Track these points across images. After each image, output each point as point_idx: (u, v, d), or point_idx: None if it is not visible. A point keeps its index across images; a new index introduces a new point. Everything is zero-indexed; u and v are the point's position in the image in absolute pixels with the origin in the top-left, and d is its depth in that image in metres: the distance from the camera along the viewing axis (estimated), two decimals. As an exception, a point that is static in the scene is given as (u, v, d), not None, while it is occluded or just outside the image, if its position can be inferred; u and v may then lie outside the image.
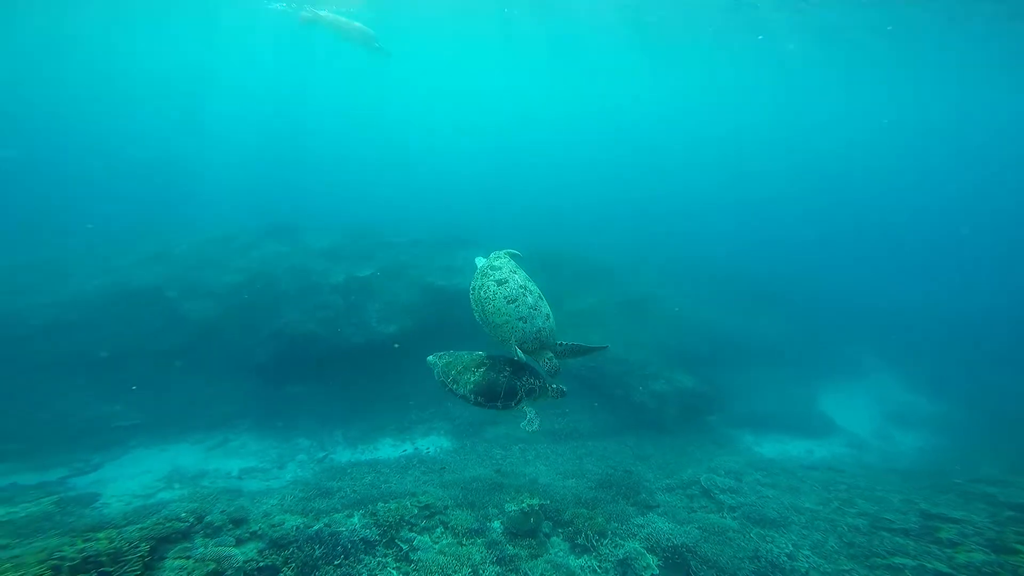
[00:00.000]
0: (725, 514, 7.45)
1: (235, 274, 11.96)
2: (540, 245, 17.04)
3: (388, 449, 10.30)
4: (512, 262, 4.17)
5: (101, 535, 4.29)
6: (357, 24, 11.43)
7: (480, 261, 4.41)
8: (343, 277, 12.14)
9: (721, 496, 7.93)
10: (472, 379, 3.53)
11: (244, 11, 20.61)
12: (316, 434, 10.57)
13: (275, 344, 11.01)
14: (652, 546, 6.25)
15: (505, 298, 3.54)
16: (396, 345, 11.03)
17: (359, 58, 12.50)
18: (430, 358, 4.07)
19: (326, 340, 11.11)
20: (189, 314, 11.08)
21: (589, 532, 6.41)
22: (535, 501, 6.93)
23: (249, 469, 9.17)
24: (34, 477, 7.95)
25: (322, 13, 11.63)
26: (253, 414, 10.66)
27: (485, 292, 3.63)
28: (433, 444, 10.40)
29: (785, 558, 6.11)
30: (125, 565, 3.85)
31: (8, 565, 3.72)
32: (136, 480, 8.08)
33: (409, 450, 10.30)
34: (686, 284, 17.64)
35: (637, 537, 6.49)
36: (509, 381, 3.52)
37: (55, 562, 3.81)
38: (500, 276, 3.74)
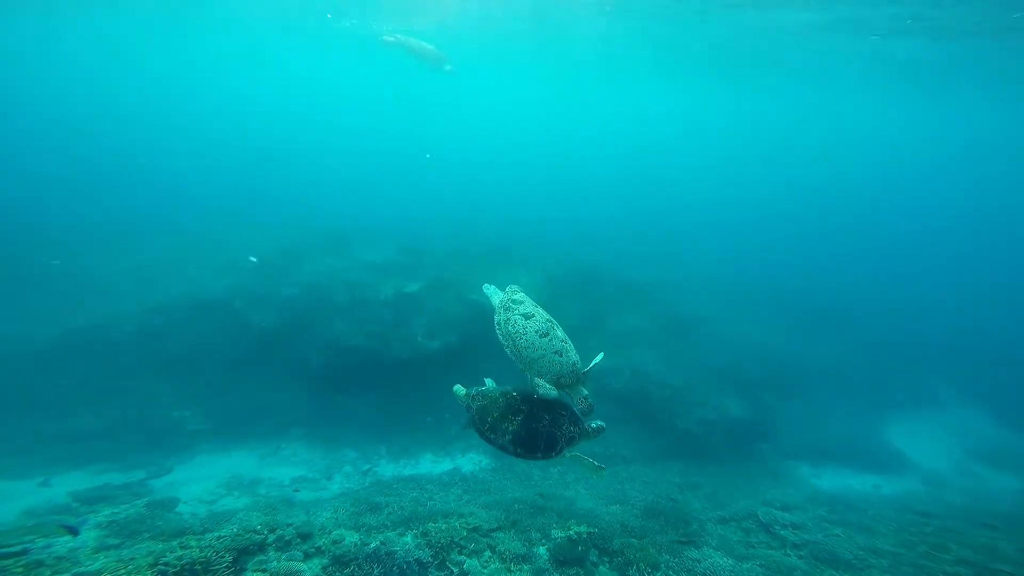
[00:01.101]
0: (789, 552, 7.05)
1: (292, 287, 12.60)
2: (579, 260, 16.97)
3: (428, 464, 10.43)
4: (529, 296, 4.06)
5: (192, 542, 4.64)
6: (432, 47, 12.11)
7: (491, 291, 4.25)
8: (392, 292, 12.52)
9: (782, 532, 7.51)
10: (511, 428, 3.37)
11: (318, 30, 21.96)
12: (361, 446, 10.85)
13: (326, 356, 11.46)
14: (709, 584, 6.00)
15: (536, 332, 3.46)
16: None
17: (427, 76, 13.20)
18: (460, 391, 3.83)
19: (374, 353, 11.45)
20: (252, 324, 11.75)
21: (641, 564, 6.22)
22: (583, 528, 6.81)
23: (299, 478, 9.51)
24: (120, 477, 8.61)
25: (404, 38, 12.20)
26: (304, 423, 11.09)
27: (513, 327, 3.53)
28: (472, 462, 10.45)
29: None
30: (215, 575, 4.16)
31: (130, 567, 4.21)
32: (201, 485, 8.56)
33: (449, 466, 10.39)
34: (737, 304, 17.03)
35: (693, 572, 6.25)
36: (549, 430, 3.39)
37: (162, 567, 4.24)
38: (525, 310, 3.63)
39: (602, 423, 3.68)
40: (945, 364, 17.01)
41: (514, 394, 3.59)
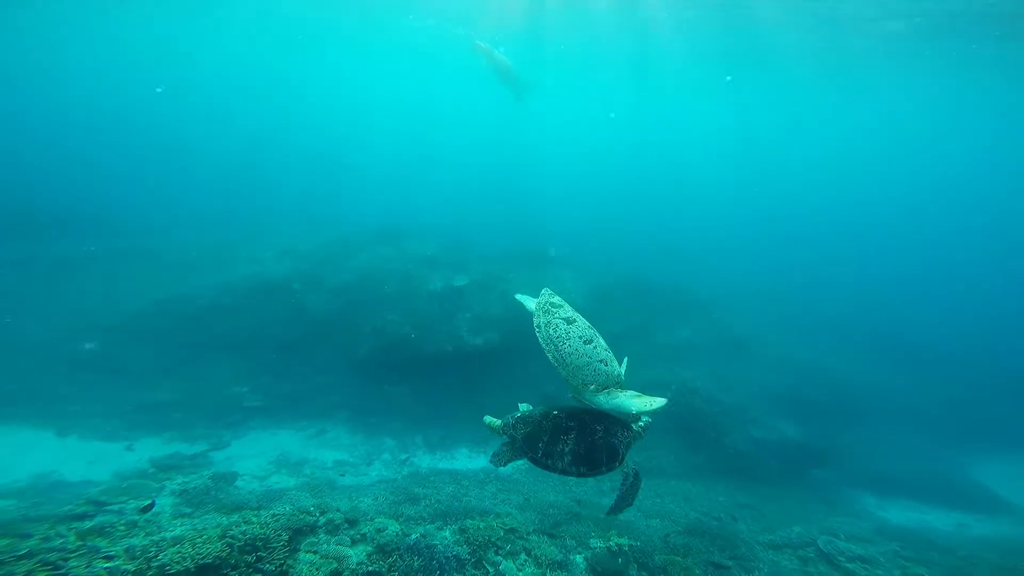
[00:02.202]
0: (855, 588, 6.50)
1: (347, 273, 13.10)
2: (627, 269, 16.56)
3: (464, 459, 10.45)
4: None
5: (253, 518, 4.92)
6: (513, 68, 12.52)
7: (524, 299, 3.94)
8: (440, 285, 12.71)
9: (849, 565, 6.93)
10: (567, 448, 3.13)
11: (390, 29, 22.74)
12: (400, 435, 11.05)
13: (374, 342, 11.78)
14: (761, 616, 5.62)
15: (580, 338, 3.24)
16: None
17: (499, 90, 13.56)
18: (493, 423, 3.47)
19: (418, 344, 11.65)
20: (308, 306, 12.31)
21: (685, 587, 5.93)
22: (624, 540, 6.59)
23: (341, 462, 9.80)
24: (188, 448, 9.29)
25: (493, 49, 12.58)
26: (349, 407, 11.44)
27: (556, 331, 3.29)
28: (508, 461, 10.40)
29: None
30: (273, 552, 4.42)
31: (203, 537, 4.57)
32: (254, 461, 9.04)
33: (484, 463, 10.37)
34: (791, 324, 16.09)
35: (741, 602, 5.88)
36: (606, 440, 3.19)
37: (229, 540, 4.55)
38: (567, 314, 3.40)
39: (648, 418, 3.47)
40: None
41: (555, 413, 3.31)
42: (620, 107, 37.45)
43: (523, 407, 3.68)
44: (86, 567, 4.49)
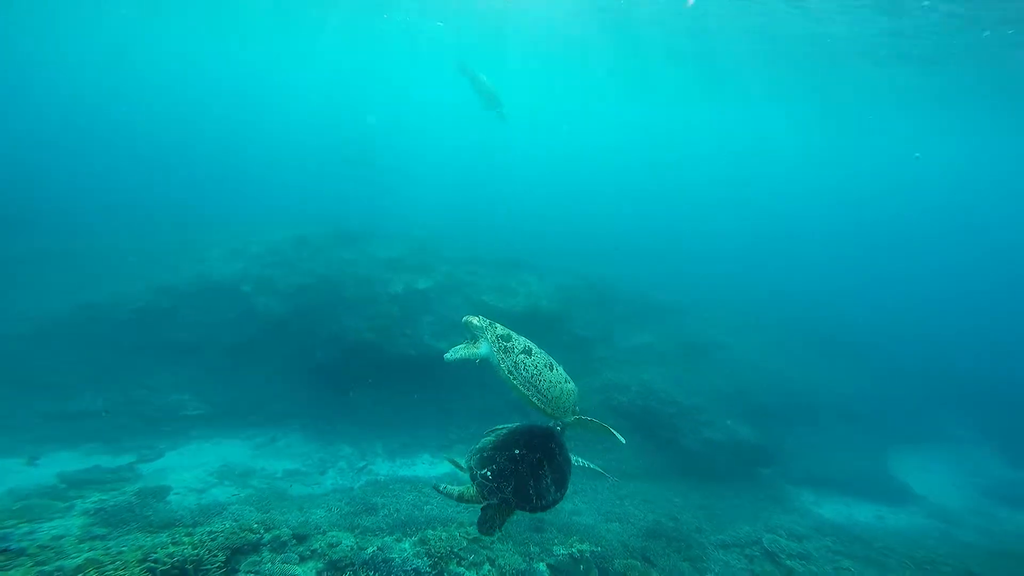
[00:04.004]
0: (796, 585, 6.82)
1: (304, 276, 12.45)
2: (592, 273, 16.80)
3: (425, 466, 10.20)
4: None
5: (184, 538, 4.42)
6: (495, 89, 12.51)
7: (462, 352, 3.24)
8: (402, 288, 12.36)
9: (789, 562, 7.28)
10: (549, 480, 3.04)
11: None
12: (358, 442, 10.64)
13: (331, 348, 11.28)
14: (714, 615, 5.77)
15: (546, 366, 3.13)
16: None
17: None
18: (472, 467, 3.13)
19: (379, 349, 11.26)
20: (259, 310, 11.58)
21: (644, 590, 6.00)
22: (585, 547, 6.60)
23: (293, 471, 9.29)
24: (111, 460, 8.38)
25: (477, 71, 12.58)
26: (303, 415, 10.90)
27: (527, 370, 3.05)
28: (474, 466, 10.23)
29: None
30: (207, 574, 3.94)
31: (117, 563, 3.96)
32: (192, 472, 8.34)
33: (447, 469, 10.15)
34: (748, 329, 16.81)
35: (696, 602, 6.02)
36: (564, 455, 3.25)
37: (151, 564, 4.01)
38: (521, 345, 3.15)
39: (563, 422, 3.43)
40: (957, 398, 16.76)
41: (518, 452, 3.10)
42: (589, 111, 38.14)
43: (465, 459, 3.39)
44: None
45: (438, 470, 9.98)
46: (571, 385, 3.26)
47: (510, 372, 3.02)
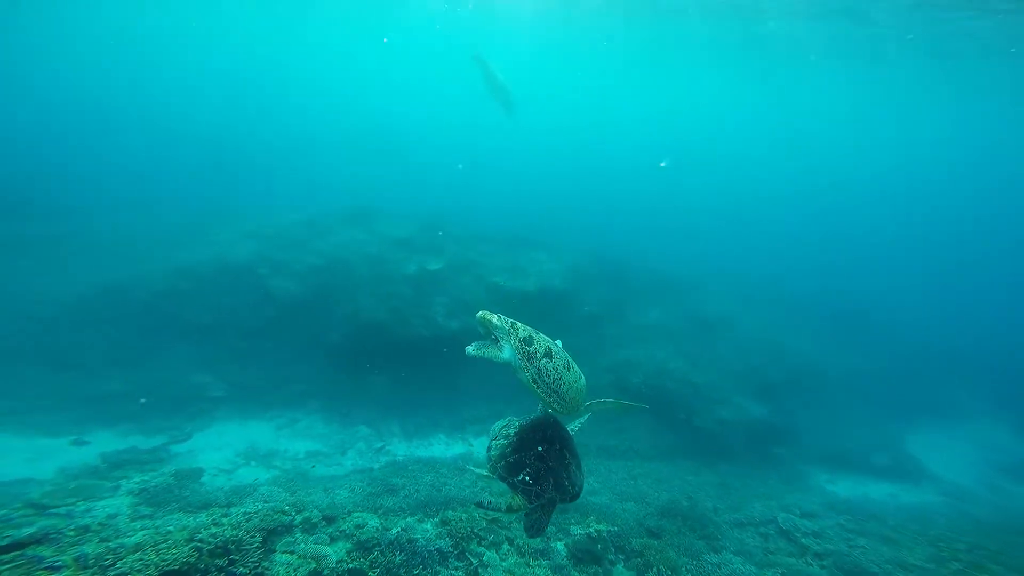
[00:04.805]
0: (811, 561, 6.92)
1: (316, 256, 12.50)
2: (604, 251, 16.62)
3: (442, 447, 10.38)
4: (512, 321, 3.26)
5: (223, 519, 4.64)
6: (507, 84, 12.51)
7: (481, 350, 3.12)
8: (415, 268, 12.35)
9: (804, 540, 7.36)
10: (574, 466, 3.06)
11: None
12: (375, 423, 10.84)
13: (347, 328, 11.39)
14: (731, 592, 5.89)
15: (564, 367, 3.05)
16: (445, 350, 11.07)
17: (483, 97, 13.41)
18: (505, 477, 3.03)
19: (393, 329, 11.35)
20: (275, 292, 11.70)
21: (662, 567, 6.12)
22: (603, 527, 6.73)
23: (314, 452, 9.52)
24: (145, 441, 8.67)
25: (491, 64, 12.53)
26: (321, 395, 11.09)
27: (548, 377, 2.97)
28: (486, 447, 10.40)
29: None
30: (247, 554, 4.19)
31: (167, 542, 4.22)
32: (220, 453, 8.62)
33: (462, 449, 10.34)
34: (763, 305, 16.63)
35: (713, 579, 6.14)
36: (571, 438, 3.26)
37: (198, 544, 4.25)
38: (542, 348, 3.04)
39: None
40: (969, 375, 16.59)
41: (541, 449, 3.08)
42: (602, 89, 37.12)
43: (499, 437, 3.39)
44: None
45: (453, 451, 10.17)
46: (583, 381, 3.23)
47: (533, 380, 2.96)
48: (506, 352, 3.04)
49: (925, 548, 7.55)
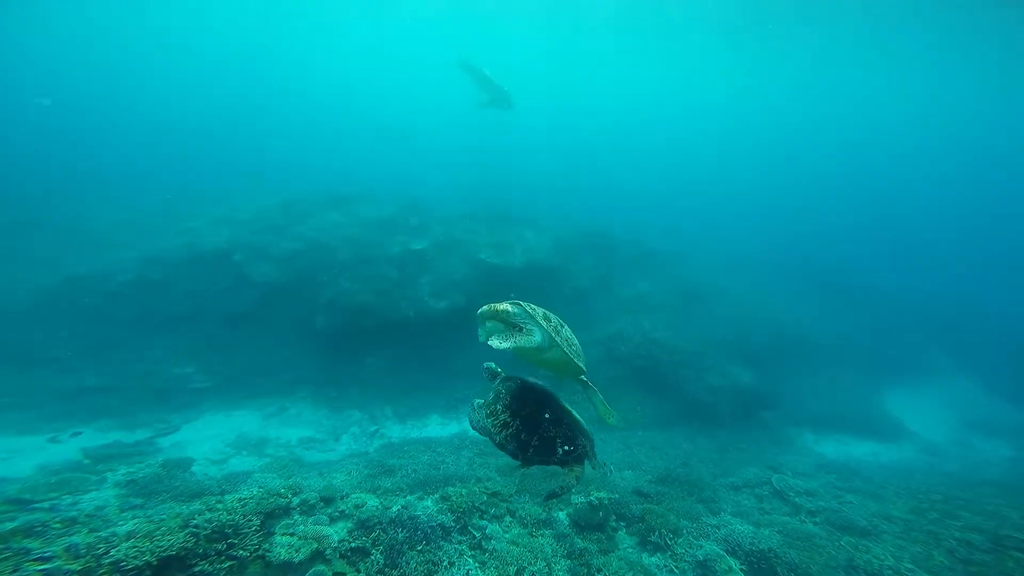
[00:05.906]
0: (804, 518, 7.10)
1: (294, 241, 12.06)
2: (590, 224, 16.51)
3: (436, 427, 10.30)
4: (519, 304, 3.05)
5: (218, 505, 4.46)
6: (500, 85, 12.29)
7: (528, 337, 2.86)
8: (398, 249, 12.05)
9: (797, 499, 7.55)
10: (581, 423, 2.92)
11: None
12: (367, 407, 10.67)
13: (332, 312, 11.09)
14: (732, 549, 5.99)
15: (570, 329, 3.03)
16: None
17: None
18: (522, 460, 2.85)
19: (379, 312, 11.10)
20: (253, 278, 11.27)
21: (663, 530, 6.19)
22: (603, 495, 6.74)
23: (307, 439, 9.33)
24: (128, 435, 8.33)
25: (480, 67, 12.35)
26: (310, 382, 10.86)
27: (573, 345, 2.95)
28: (481, 423, 10.36)
29: (890, 572, 5.72)
30: (245, 537, 4.06)
31: (161, 529, 4.11)
32: (209, 444, 8.36)
33: (457, 429, 10.26)
34: (748, 274, 16.86)
35: (712, 538, 6.24)
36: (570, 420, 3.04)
37: (193, 529, 4.12)
38: (553, 319, 2.96)
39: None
40: (942, 336, 17.21)
41: (548, 416, 2.91)
42: (586, 68, 36.49)
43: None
44: (11, 572, 3.90)
45: (448, 430, 10.09)
46: (578, 342, 3.15)
47: (563, 353, 2.84)
48: (537, 335, 2.85)
49: (907, 501, 7.89)
